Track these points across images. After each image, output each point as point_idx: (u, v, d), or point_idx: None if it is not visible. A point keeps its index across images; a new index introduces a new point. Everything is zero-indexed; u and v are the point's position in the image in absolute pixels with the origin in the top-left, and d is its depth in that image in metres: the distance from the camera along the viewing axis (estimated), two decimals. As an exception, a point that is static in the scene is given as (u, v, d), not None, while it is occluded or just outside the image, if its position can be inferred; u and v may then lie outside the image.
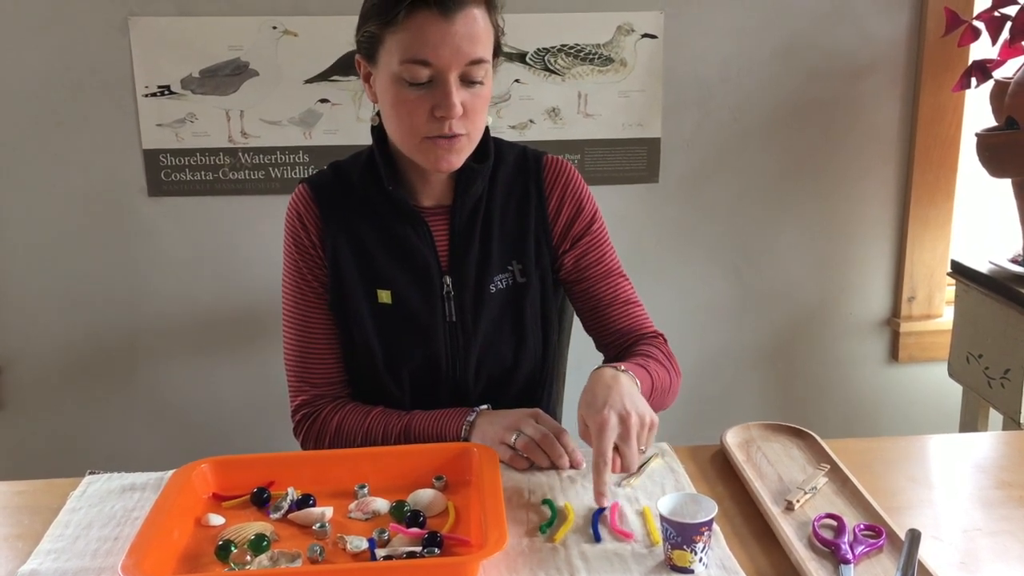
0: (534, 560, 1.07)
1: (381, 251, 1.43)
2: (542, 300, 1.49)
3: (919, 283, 2.48)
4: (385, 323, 1.43)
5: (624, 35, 2.27)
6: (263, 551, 1.07)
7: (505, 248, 1.45)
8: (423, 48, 1.25)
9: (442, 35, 1.25)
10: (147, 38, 2.17)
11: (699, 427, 2.38)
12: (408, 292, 1.43)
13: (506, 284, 1.46)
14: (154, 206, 2.28)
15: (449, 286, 1.43)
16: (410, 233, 1.42)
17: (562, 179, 1.48)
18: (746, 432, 1.38)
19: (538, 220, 1.47)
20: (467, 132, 1.32)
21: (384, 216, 1.43)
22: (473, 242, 1.44)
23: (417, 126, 1.30)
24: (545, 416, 1.32)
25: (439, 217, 1.44)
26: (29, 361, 2.34)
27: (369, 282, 1.43)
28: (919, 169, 2.40)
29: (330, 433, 1.42)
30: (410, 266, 1.43)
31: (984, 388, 2.14)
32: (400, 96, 1.30)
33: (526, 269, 1.46)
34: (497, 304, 1.45)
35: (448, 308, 1.44)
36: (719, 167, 2.39)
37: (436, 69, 1.27)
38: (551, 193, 1.48)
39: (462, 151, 1.34)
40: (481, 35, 1.28)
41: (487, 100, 1.34)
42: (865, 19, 2.32)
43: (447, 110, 1.28)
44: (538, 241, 1.47)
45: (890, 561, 1.05)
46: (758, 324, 2.51)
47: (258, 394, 2.39)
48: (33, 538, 1.14)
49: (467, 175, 1.41)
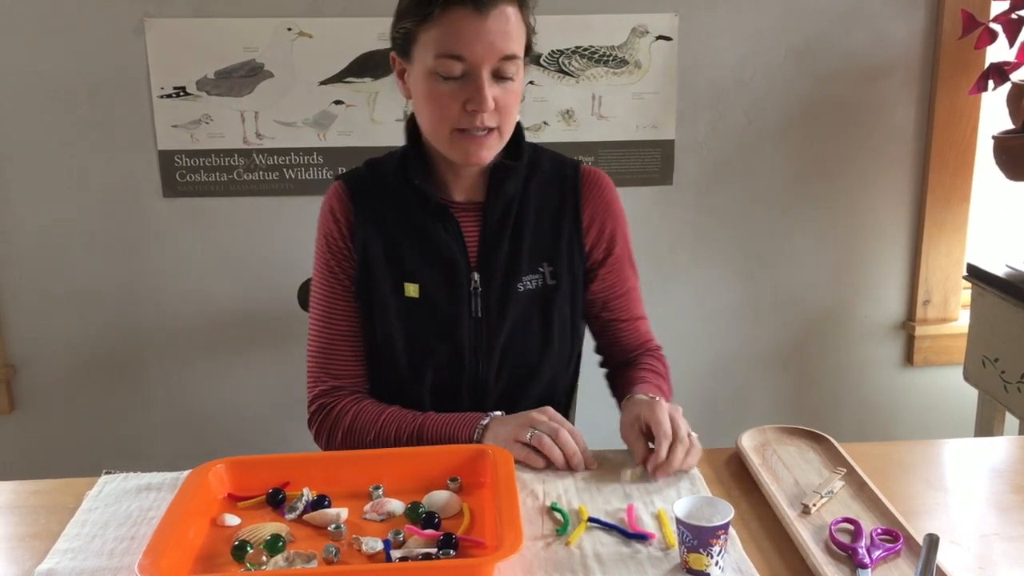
0: (549, 562, 1.06)
1: (410, 245, 1.44)
2: (571, 305, 1.50)
3: (934, 286, 2.47)
4: (411, 316, 1.44)
5: (639, 37, 2.26)
6: (279, 552, 1.07)
7: (536, 250, 1.46)
8: (457, 43, 1.28)
9: (476, 31, 1.27)
10: (163, 39, 2.18)
11: (714, 430, 2.35)
12: (435, 286, 1.44)
13: (536, 285, 1.46)
14: (169, 207, 2.29)
15: (476, 282, 1.44)
16: (439, 228, 1.44)
17: (598, 191, 1.51)
18: (761, 435, 1.38)
19: (572, 228, 1.48)
20: (498, 127, 1.34)
21: (414, 210, 1.44)
22: (503, 240, 1.45)
23: (449, 119, 1.32)
24: (556, 414, 1.32)
25: (470, 213, 1.46)
26: (44, 361, 2.35)
27: (397, 275, 1.44)
28: (935, 172, 2.39)
29: (343, 427, 1.42)
30: (438, 261, 1.44)
31: (1000, 392, 2.13)
32: (433, 90, 1.32)
33: (557, 272, 1.47)
34: (525, 304, 1.46)
35: (475, 304, 1.45)
36: (733, 169, 2.38)
37: (469, 64, 1.29)
38: (587, 204, 1.50)
39: (492, 146, 1.36)
40: (513, 32, 1.30)
41: (518, 96, 1.36)
42: (881, 21, 2.31)
43: (479, 104, 1.29)
44: (571, 248, 1.48)
45: (908, 566, 1.04)
46: (772, 327, 2.50)
47: (273, 394, 2.39)
48: (50, 537, 1.15)
49: (501, 172, 1.43)
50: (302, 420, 1.50)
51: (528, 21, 1.35)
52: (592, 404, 1.95)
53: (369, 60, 2.22)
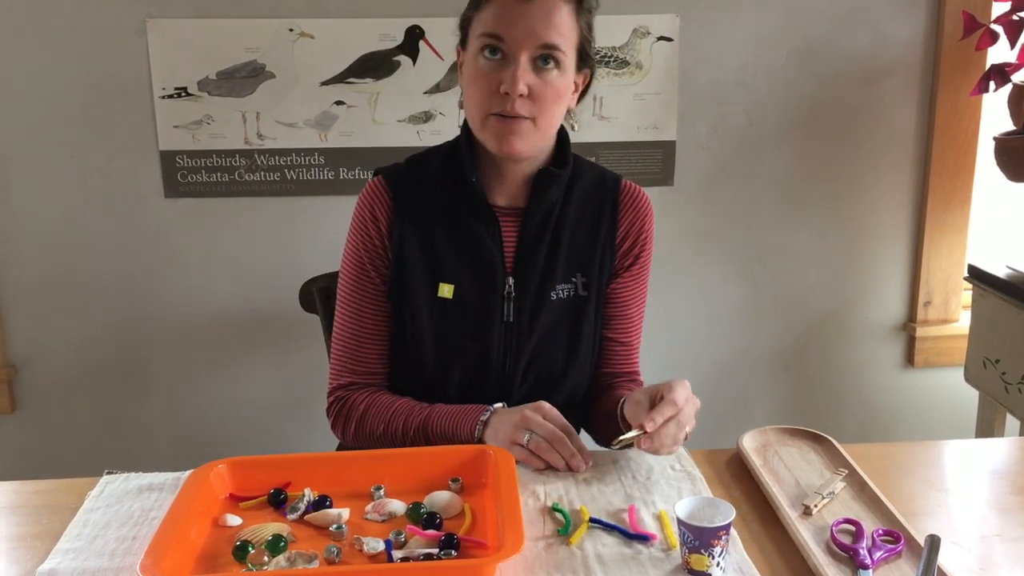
0: (551, 563, 1.07)
1: (448, 245, 1.44)
2: (597, 316, 1.50)
3: (935, 287, 2.47)
4: (443, 317, 1.44)
5: (640, 38, 2.26)
6: (280, 552, 1.07)
7: (571, 259, 1.46)
8: (498, 23, 1.32)
9: (518, 14, 1.31)
10: (164, 40, 2.18)
11: (715, 431, 2.37)
12: (470, 288, 1.44)
13: (567, 295, 1.46)
14: (170, 207, 2.29)
15: (511, 287, 1.44)
16: (481, 230, 1.43)
17: (636, 205, 1.51)
18: (763, 436, 1.38)
19: (607, 240, 1.48)
20: (532, 117, 1.34)
21: (457, 210, 1.44)
22: (541, 247, 1.44)
23: (485, 101, 1.34)
24: (551, 410, 1.32)
25: (510, 218, 1.46)
26: (45, 362, 2.35)
27: (433, 275, 1.44)
28: (936, 173, 2.39)
29: (356, 417, 1.43)
30: (476, 263, 1.44)
31: (1001, 393, 2.13)
32: (476, 71, 1.35)
33: (588, 283, 1.47)
34: (556, 312, 1.46)
35: (507, 309, 1.44)
36: (734, 170, 2.38)
37: (508, 45, 1.32)
38: (624, 217, 1.50)
39: (525, 136, 1.35)
40: (560, 25, 1.32)
41: (560, 93, 1.36)
42: (882, 22, 2.32)
43: (511, 84, 1.31)
44: (603, 260, 1.48)
45: (909, 566, 1.04)
46: (773, 328, 2.50)
47: (275, 395, 2.39)
48: (51, 537, 1.15)
49: (544, 178, 1.43)
50: (302, 420, 1.50)
51: (582, 24, 1.37)
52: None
53: (370, 61, 2.22)
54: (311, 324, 2.00)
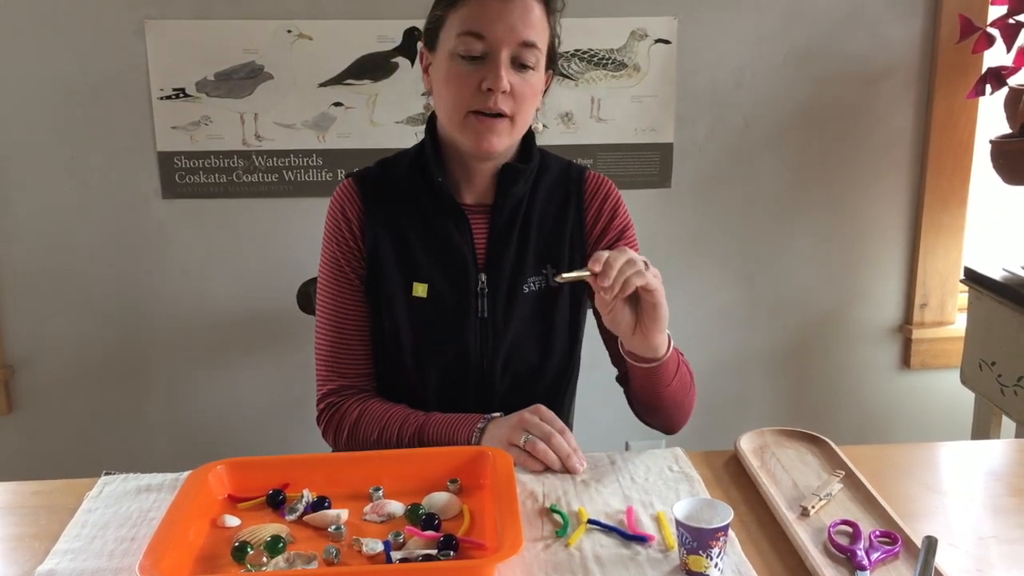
0: (549, 564, 1.07)
1: (421, 245, 1.45)
2: (572, 306, 1.51)
3: (932, 290, 2.48)
4: (418, 316, 1.45)
5: (638, 40, 2.27)
6: (279, 553, 1.07)
7: (541, 252, 1.48)
8: (479, 22, 1.32)
9: (499, 12, 1.31)
10: (163, 41, 2.18)
11: (712, 433, 2.37)
12: (443, 287, 1.45)
13: (539, 286, 1.48)
14: (168, 208, 2.29)
15: (484, 283, 1.45)
16: (451, 229, 1.45)
17: (602, 191, 1.52)
18: (760, 438, 1.38)
19: (574, 228, 1.49)
20: (511, 115, 1.36)
21: (426, 210, 1.45)
22: (511, 242, 1.46)
23: (464, 99, 1.34)
24: (547, 412, 1.33)
25: (479, 215, 1.47)
26: (43, 363, 2.35)
27: (406, 275, 1.45)
28: (932, 175, 2.40)
29: (349, 424, 1.43)
30: (448, 261, 1.45)
31: (997, 395, 2.13)
32: (453, 71, 1.35)
33: (558, 273, 1.47)
34: (529, 305, 1.47)
35: (481, 304, 1.46)
36: (732, 173, 2.39)
37: (489, 43, 1.32)
38: (590, 204, 1.51)
39: (503, 133, 1.37)
40: (536, 24, 1.34)
41: (535, 91, 1.38)
42: (879, 25, 2.32)
43: (494, 82, 1.31)
44: (572, 248, 1.49)
45: (906, 568, 1.05)
46: (770, 330, 2.51)
47: (273, 395, 2.40)
48: (50, 538, 1.15)
49: (510, 174, 1.44)
50: (302, 421, 1.50)
51: (552, 25, 1.38)
52: (592, 404, 1.96)
53: (369, 62, 2.22)
54: (309, 325, 1.98)
